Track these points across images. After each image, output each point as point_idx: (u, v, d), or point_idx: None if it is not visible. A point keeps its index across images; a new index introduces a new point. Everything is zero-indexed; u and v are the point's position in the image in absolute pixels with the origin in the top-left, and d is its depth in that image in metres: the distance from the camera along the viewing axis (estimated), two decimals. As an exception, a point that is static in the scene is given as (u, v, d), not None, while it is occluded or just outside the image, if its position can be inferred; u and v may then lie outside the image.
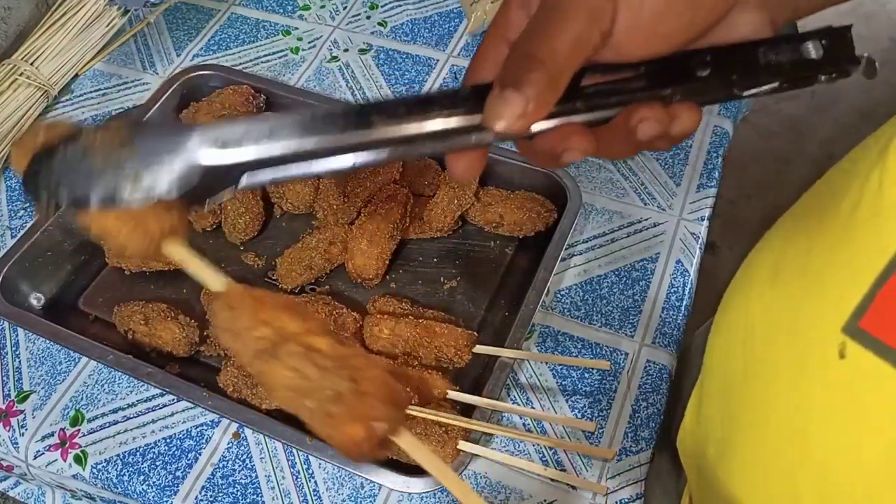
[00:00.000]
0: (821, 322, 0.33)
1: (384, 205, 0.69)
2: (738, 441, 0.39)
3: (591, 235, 0.73)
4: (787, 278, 0.37)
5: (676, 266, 0.71)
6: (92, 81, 0.89)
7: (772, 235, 0.41)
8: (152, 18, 0.95)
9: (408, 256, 0.72)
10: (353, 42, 0.92)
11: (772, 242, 0.41)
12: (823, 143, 1.72)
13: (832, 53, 0.34)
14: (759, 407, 0.38)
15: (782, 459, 0.36)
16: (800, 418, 0.35)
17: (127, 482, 0.61)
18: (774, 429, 0.37)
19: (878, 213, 0.32)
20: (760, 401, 0.38)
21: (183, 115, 0.79)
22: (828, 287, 0.34)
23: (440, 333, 0.61)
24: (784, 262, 0.38)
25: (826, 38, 0.34)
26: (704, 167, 0.78)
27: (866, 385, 0.31)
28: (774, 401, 0.37)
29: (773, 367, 0.37)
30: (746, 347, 0.40)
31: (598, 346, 0.66)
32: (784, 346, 0.36)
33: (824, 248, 0.35)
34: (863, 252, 0.32)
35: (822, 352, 0.33)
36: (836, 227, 0.35)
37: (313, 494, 0.60)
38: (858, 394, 0.31)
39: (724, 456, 0.40)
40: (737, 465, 0.39)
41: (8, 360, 0.67)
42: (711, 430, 0.43)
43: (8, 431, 0.64)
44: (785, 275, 0.38)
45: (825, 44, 0.34)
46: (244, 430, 0.63)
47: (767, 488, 0.37)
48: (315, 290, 0.70)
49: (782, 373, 0.36)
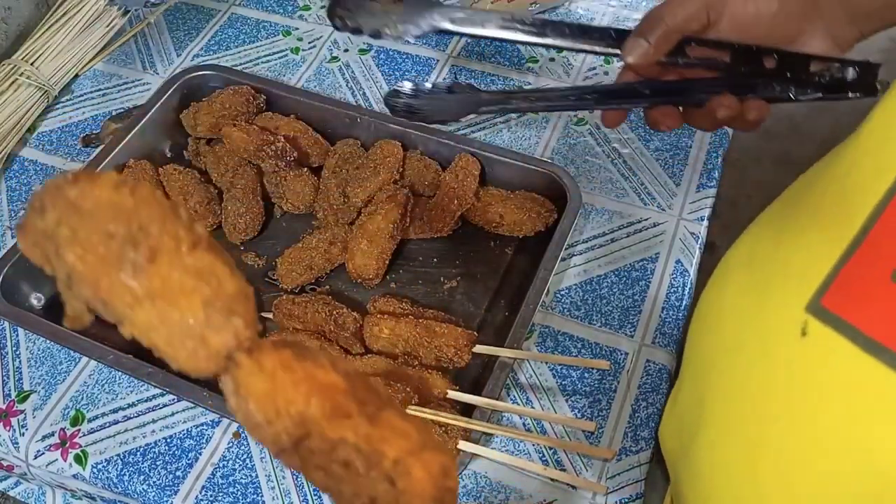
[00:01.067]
0: (786, 302, 0.34)
1: (384, 205, 0.69)
2: (706, 424, 0.39)
3: (591, 235, 0.73)
4: (759, 264, 0.38)
5: (676, 266, 0.71)
6: (92, 81, 0.89)
7: (751, 226, 0.42)
8: (152, 18, 0.95)
9: (408, 256, 0.72)
10: (354, 42, 0.92)
11: (750, 232, 0.42)
12: (823, 143, 1.72)
13: (863, 79, 0.49)
14: (725, 389, 0.38)
15: (743, 439, 0.36)
16: (761, 397, 0.35)
17: (127, 482, 0.61)
18: (738, 410, 0.37)
19: (845, 193, 0.33)
20: (727, 383, 0.38)
21: (183, 116, 0.79)
22: (794, 268, 0.34)
23: (440, 333, 0.61)
24: (757, 249, 0.39)
25: (860, 67, 0.49)
26: (704, 167, 0.78)
27: (826, 362, 0.31)
28: (739, 382, 0.37)
29: (739, 349, 0.38)
30: (716, 333, 0.40)
31: (598, 346, 0.66)
32: (751, 328, 0.37)
33: (795, 232, 0.36)
34: (828, 231, 0.33)
35: (785, 331, 0.33)
36: (807, 212, 0.36)
37: (313, 494, 0.60)
38: (818, 371, 0.32)
39: (692, 442, 0.41)
40: (704, 450, 0.40)
41: (8, 360, 0.67)
42: (685, 417, 0.43)
43: (8, 431, 0.64)
44: (757, 260, 0.39)
45: (859, 70, 0.49)
46: (244, 430, 0.63)
47: (729, 468, 0.38)
48: (315, 290, 0.70)
49: (748, 354, 0.37)
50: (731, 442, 0.37)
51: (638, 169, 0.78)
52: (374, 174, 0.72)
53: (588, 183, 0.77)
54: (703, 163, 0.78)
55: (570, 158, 0.79)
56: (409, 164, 0.74)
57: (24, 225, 0.29)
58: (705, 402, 0.40)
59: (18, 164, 0.82)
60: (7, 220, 0.77)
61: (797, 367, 0.33)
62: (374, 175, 0.72)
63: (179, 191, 0.73)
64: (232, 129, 0.74)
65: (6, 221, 0.77)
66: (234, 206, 0.72)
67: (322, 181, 0.75)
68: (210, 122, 0.77)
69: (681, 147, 0.80)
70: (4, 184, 0.80)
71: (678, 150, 0.80)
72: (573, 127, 0.82)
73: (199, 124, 0.78)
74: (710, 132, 0.79)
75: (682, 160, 0.79)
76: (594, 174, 0.78)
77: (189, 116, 0.79)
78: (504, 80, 0.87)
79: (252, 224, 0.72)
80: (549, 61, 0.88)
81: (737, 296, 0.39)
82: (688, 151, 0.79)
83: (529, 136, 0.81)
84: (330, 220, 0.72)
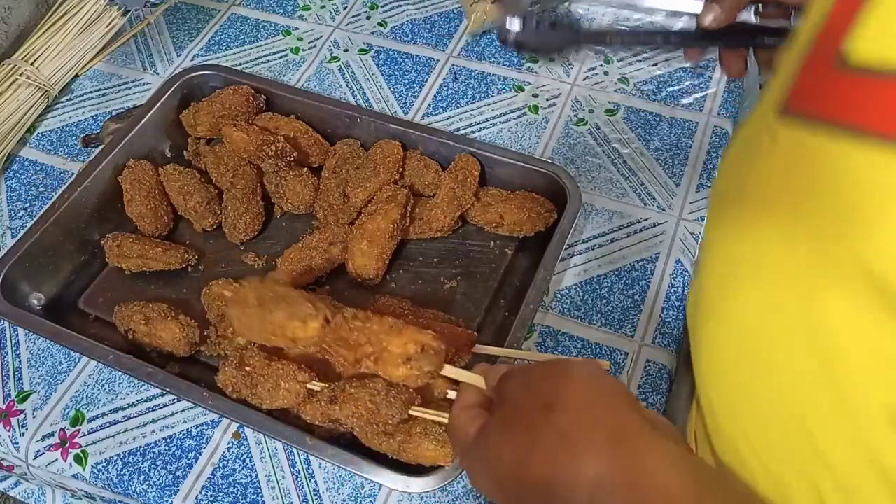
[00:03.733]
0: (762, 118, 0.36)
1: (384, 205, 0.69)
2: (703, 299, 0.42)
3: (591, 235, 0.73)
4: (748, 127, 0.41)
5: (676, 266, 0.71)
6: (92, 81, 0.89)
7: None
8: (152, 18, 0.95)
9: (408, 256, 0.72)
10: (353, 42, 0.92)
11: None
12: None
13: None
14: (710, 247, 0.42)
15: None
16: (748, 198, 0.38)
17: (127, 482, 0.61)
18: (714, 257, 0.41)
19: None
20: (715, 239, 0.42)
21: (183, 116, 0.79)
22: (771, 92, 0.37)
23: (440, 333, 0.61)
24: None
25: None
26: (704, 167, 0.78)
27: (797, 155, 0.33)
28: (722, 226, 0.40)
29: (723, 196, 0.41)
30: (713, 207, 0.43)
31: (598, 346, 0.66)
32: (735, 172, 0.40)
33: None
34: (793, 54, 0.35)
35: (759, 142, 0.36)
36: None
37: (313, 494, 0.60)
38: (791, 168, 0.33)
39: (695, 314, 0.44)
40: (701, 317, 0.43)
41: (8, 360, 0.67)
42: (695, 292, 0.46)
43: (8, 431, 0.64)
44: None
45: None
46: (244, 430, 0.63)
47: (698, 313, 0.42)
48: (315, 290, 0.70)
49: (730, 198, 0.40)
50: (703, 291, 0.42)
51: (638, 169, 0.78)
52: (374, 174, 0.72)
53: (588, 183, 0.77)
54: (703, 163, 0.78)
55: (570, 158, 0.79)
56: (409, 164, 0.74)
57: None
58: (701, 280, 0.43)
59: (18, 164, 0.82)
60: (7, 221, 0.77)
61: (774, 168, 0.35)
62: (374, 175, 0.72)
63: (179, 191, 0.73)
64: (232, 129, 0.74)
65: (6, 221, 0.77)
66: (234, 206, 0.72)
67: (322, 181, 0.75)
68: (210, 122, 0.77)
69: (681, 147, 0.80)
70: (4, 184, 0.80)
71: (678, 150, 0.80)
72: (573, 127, 0.82)
73: (199, 124, 0.78)
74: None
75: (682, 160, 0.79)
76: (594, 174, 0.78)
77: (189, 116, 0.79)
78: (504, 79, 0.87)
79: (252, 224, 0.72)
80: (549, 61, 0.88)
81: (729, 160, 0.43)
82: (688, 151, 0.79)
83: (529, 136, 0.81)
84: (330, 220, 0.72)
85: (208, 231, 0.74)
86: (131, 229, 0.73)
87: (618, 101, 0.84)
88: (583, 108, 0.84)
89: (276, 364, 0.59)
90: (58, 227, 0.70)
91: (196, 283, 0.70)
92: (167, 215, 0.74)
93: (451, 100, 0.85)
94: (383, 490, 0.59)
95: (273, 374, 0.58)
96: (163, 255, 0.70)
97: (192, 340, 0.64)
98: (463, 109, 0.84)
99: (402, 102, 0.85)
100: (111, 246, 0.70)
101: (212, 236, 0.74)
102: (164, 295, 0.70)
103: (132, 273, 0.71)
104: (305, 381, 0.58)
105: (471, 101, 0.85)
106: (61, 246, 0.70)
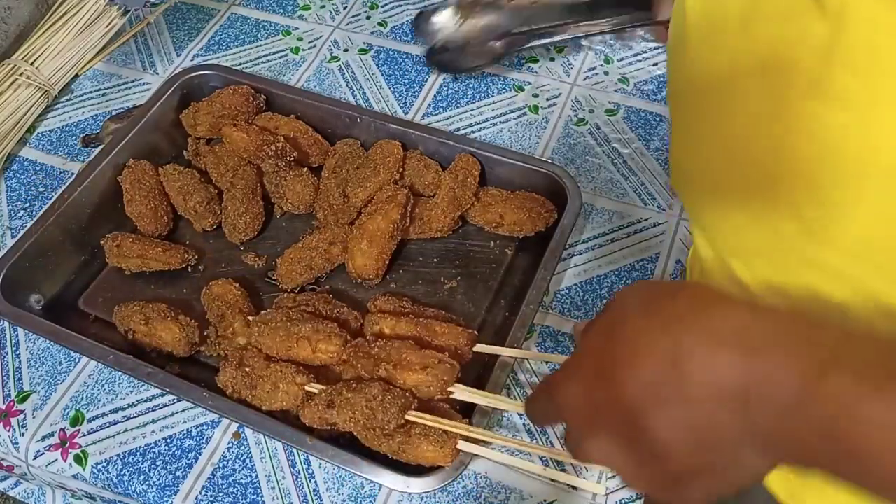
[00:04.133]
0: None
1: (384, 205, 0.69)
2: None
3: (591, 235, 0.73)
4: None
5: (676, 266, 0.71)
6: (92, 81, 0.89)
7: None
8: (152, 18, 0.95)
9: (408, 256, 0.72)
10: (353, 42, 0.92)
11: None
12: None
13: None
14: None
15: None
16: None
17: (127, 482, 0.61)
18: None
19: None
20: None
21: (183, 116, 0.79)
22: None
23: (441, 332, 0.61)
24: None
25: None
26: (704, 167, 0.78)
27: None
28: None
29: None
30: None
31: (598, 346, 0.66)
32: None
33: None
34: None
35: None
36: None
37: (313, 494, 0.60)
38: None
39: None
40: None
41: (8, 360, 0.67)
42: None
43: (8, 431, 0.64)
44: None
45: None
46: (244, 430, 0.63)
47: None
48: (315, 290, 0.70)
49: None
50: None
51: (638, 169, 0.78)
52: (374, 174, 0.72)
53: (588, 183, 0.77)
54: (704, 163, 0.78)
55: (570, 158, 0.79)
56: (409, 164, 0.74)
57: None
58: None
59: (18, 164, 0.82)
60: (7, 220, 0.77)
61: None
62: (374, 175, 0.72)
63: (179, 191, 0.73)
64: (232, 129, 0.74)
65: (6, 221, 0.77)
66: (234, 206, 0.72)
67: (322, 181, 0.75)
68: (210, 122, 0.77)
69: (681, 147, 0.80)
70: (4, 184, 0.80)
71: (678, 150, 0.79)
72: (573, 127, 0.82)
73: (199, 124, 0.78)
74: None
75: (683, 160, 0.78)
76: (594, 174, 0.78)
77: (189, 116, 0.79)
78: (504, 79, 0.87)
79: (252, 224, 0.72)
80: (549, 61, 0.88)
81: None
82: (688, 151, 0.79)
83: (529, 135, 0.81)
84: (330, 220, 0.72)
85: (208, 231, 0.74)
86: (131, 229, 0.73)
87: (618, 101, 0.84)
88: (583, 107, 0.84)
89: (275, 365, 0.59)
90: (58, 227, 0.70)
91: (196, 283, 0.70)
92: (167, 215, 0.74)
93: (451, 100, 0.85)
94: (383, 490, 0.59)
95: (272, 375, 0.58)
96: (163, 255, 0.70)
97: (191, 340, 0.64)
98: (463, 109, 0.84)
99: (402, 102, 0.85)
100: (111, 246, 0.70)
101: (212, 236, 0.74)
102: (164, 295, 0.70)
103: (132, 273, 0.71)
104: (304, 383, 0.58)
105: (471, 100, 0.85)
106: (61, 246, 0.70)
